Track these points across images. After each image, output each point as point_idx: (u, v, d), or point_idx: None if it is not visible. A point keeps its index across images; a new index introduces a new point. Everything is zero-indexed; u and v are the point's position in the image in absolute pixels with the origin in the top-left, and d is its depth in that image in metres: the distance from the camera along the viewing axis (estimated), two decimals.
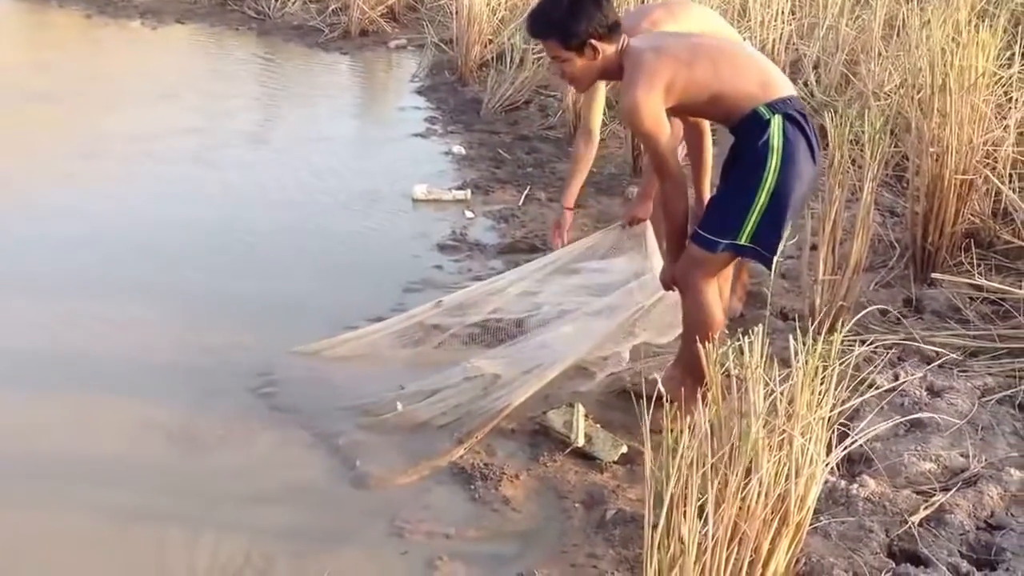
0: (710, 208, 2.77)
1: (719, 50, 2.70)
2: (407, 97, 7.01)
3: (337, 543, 2.42)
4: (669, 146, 2.62)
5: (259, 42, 8.66)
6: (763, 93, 2.61)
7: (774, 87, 2.63)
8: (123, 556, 2.36)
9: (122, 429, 2.87)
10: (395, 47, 8.52)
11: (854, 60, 5.32)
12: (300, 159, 5.44)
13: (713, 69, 2.61)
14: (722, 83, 2.61)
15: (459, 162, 5.51)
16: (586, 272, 3.41)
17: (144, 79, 7.19)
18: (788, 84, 2.70)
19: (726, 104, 2.64)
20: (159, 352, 3.29)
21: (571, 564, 2.33)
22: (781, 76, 2.71)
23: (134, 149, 5.43)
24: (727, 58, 2.67)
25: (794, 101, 2.65)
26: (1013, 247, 3.70)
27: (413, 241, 4.33)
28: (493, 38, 7.16)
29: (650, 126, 2.57)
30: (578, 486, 2.63)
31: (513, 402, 2.85)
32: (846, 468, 2.64)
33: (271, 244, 4.25)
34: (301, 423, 2.91)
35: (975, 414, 2.84)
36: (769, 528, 1.91)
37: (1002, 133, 3.80)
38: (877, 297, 3.58)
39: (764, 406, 1.89)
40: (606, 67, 2.65)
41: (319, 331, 3.35)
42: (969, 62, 3.57)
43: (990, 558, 2.32)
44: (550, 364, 2.95)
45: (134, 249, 4.13)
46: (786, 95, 2.63)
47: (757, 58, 2.76)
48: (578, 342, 3.06)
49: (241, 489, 2.62)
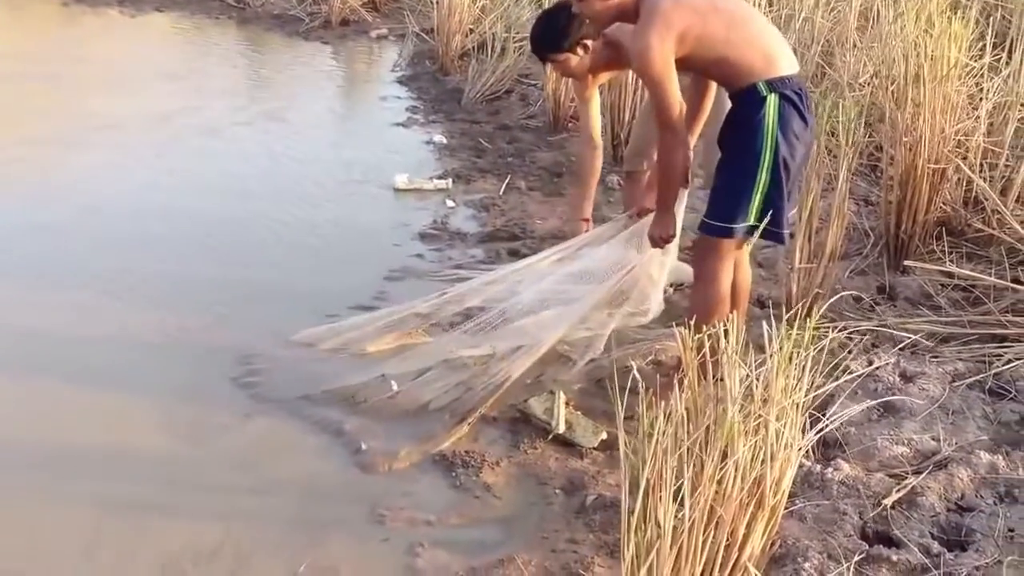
0: (715, 195, 2.81)
1: (736, 13, 2.72)
2: (388, 87, 7.00)
3: (317, 531, 2.42)
4: (675, 95, 2.65)
5: (239, 31, 8.60)
6: (766, 68, 2.66)
7: (777, 64, 2.67)
8: (98, 544, 2.36)
9: (99, 418, 2.86)
10: (376, 37, 8.49)
11: (829, 51, 5.37)
12: (280, 148, 5.43)
13: (726, 30, 2.66)
14: (730, 47, 2.66)
15: (440, 151, 5.52)
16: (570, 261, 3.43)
17: (121, 68, 7.13)
18: (792, 62, 2.74)
19: (730, 69, 2.69)
20: (139, 342, 3.28)
21: (551, 549, 2.36)
22: (786, 52, 2.74)
23: (110, 137, 5.40)
24: (741, 23, 2.70)
25: (793, 81, 2.69)
26: (983, 235, 3.77)
27: (394, 230, 4.35)
28: (474, 27, 7.16)
29: (659, 71, 2.61)
30: (558, 472, 2.67)
31: (513, 374, 2.89)
32: (821, 452, 2.69)
33: (251, 233, 4.24)
34: (284, 411, 2.92)
35: (946, 399, 2.89)
36: (745, 511, 1.93)
37: (973, 123, 3.85)
38: (852, 284, 3.63)
39: (740, 391, 1.92)
40: (622, 10, 2.70)
41: (300, 320, 3.36)
42: (942, 53, 3.62)
43: (960, 539, 2.37)
44: (535, 345, 2.98)
45: (110, 237, 4.12)
46: (787, 74, 2.68)
47: (769, 30, 2.77)
48: (563, 321, 3.08)
49: (221, 478, 2.63)
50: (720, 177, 2.82)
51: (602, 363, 3.08)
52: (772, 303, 3.42)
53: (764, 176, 2.67)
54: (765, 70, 2.66)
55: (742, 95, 2.71)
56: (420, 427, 2.83)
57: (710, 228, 2.78)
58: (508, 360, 2.96)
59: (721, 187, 2.80)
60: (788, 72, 2.69)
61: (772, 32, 2.78)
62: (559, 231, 4.33)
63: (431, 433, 2.79)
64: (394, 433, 2.80)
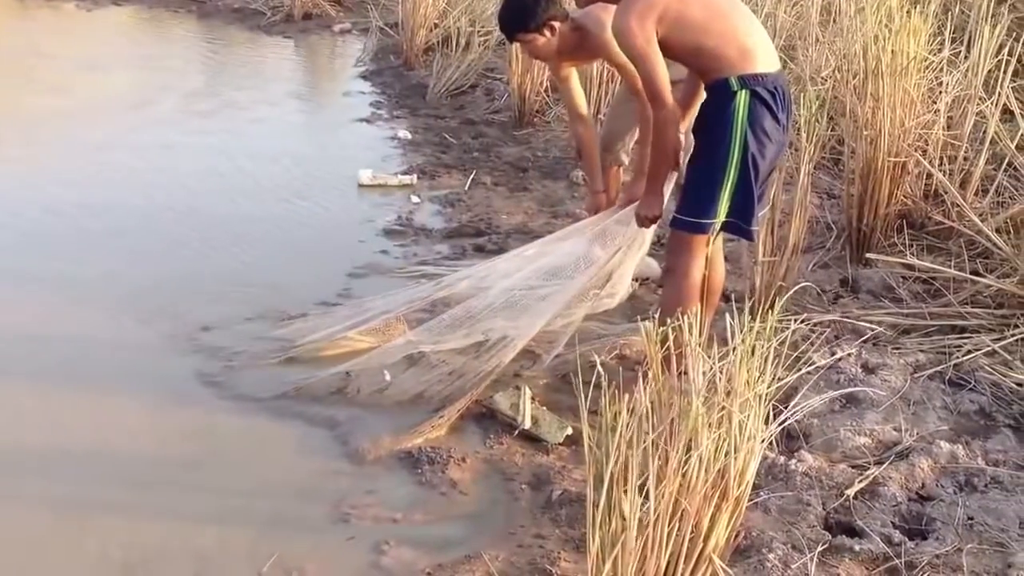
0: (685, 191, 2.81)
1: (718, 5, 2.71)
2: (352, 82, 6.96)
3: (281, 530, 2.40)
4: (662, 68, 2.66)
5: (199, 25, 8.51)
6: (740, 63, 2.65)
7: (753, 60, 2.67)
8: (59, 545, 2.32)
9: (58, 420, 2.82)
10: (339, 31, 8.43)
11: (792, 46, 5.41)
12: (243, 144, 5.38)
13: (704, 19, 2.66)
14: (707, 37, 2.66)
15: (405, 147, 5.50)
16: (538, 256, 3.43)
17: (74, 62, 7.02)
18: (771, 60, 2.73)
19: (704, 60, 2.70)
20: (96, 342, 3.23)
21: (518, 545, 2.36)
22: (766, 50, 2.73)
23: (66, 133, 5.32)
24: (721, 16, 2.70)
25: (769, 79, 2.67)
26: (943, 228, 3.81)
27: (359, 226, 4.32)
28: (439, 22, 7.13)
29: (642, 46, 2.62)
30: (524, 468, 2.66)
31: (503, 360, 2.91)
32: (785, 444, 2.70)
33: (213, 230, 4.19)
34: (250, 410, 2.89)
35: (907, 390, 2.93)
36: (709, 503, 1.93)
37: (932, 116, 3.89)
38: (815, 277, 3.66)
39: (703, 383, 1.93)
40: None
41: (264, 317, 3.34)
42: (901, 47, 3.65)
43: (921, 528, 2.40)
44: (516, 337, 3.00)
45: (64, 236, 4.06)
46: (761, 71, 2.66)
47: (751, 26, 2.75)
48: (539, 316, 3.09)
49: (183, 478, 2.59)
50: (690, 172, 2.83)
51: (567, 358, 3.07)
52: (736, 296, 3.44)
53: (733, 172, 2.67)
54: (739, 65, 2.65)
55: (714, 88, 2.71)
56: (396, 422, 2.81)
57: (680, 223, 2.78)
58: (499, 347, 2.97)
59: (691, 182, 2.80)
60: (765, 70, 2.67)
61: (754, 28, 2.75)
62: (525, 226, 4.33)
63: (409, 427, 2.77)
64: (367, 429, 2.78)
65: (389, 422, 2.81)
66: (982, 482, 2.55)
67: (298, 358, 3.12)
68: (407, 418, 2.83)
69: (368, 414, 2.87)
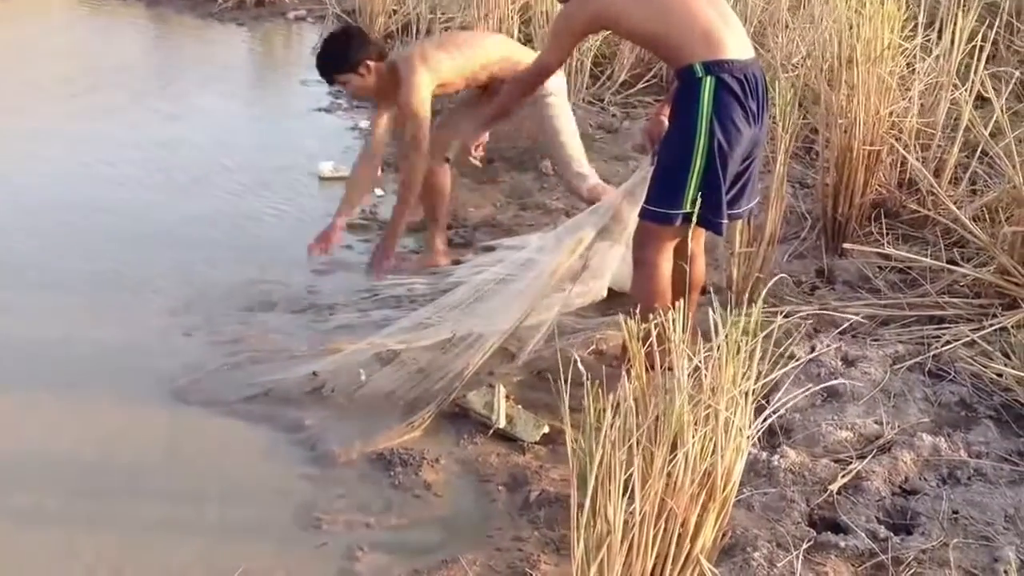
0: (653, 181, 2.75)
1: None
2: (309, 70, 6.72)
3: (252, 537, 2.32)
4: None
5: (148, 13, 8.30)
6: (704, 49, 2.58)
7: (720, 46, 2.59)
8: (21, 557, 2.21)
9: (17, 428, 2.70)
10: (295, 18, 8.27)
11: (762, 32, 5.37)
12: (198, 137, 5.22)
13: (660, 7, 2.62)
14: (668, 25, 2.61)
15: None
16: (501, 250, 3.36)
17: (16, 48, 6.77)
18: (742, 47, 2.64)
19: (667, 49, 2.66)
20: (63, 342, 3.10)
21: (496, 548, 2.28)
22: (735, 36, 2.64)
23: (12, 130, 5.10)
24: (680, 1, 2.63)
25: (737, 65, 2.59)
26: (918, 216, 3.78)
27: (321, 220, 4.18)
28: (397, 8, 7.00)
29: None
30: (500, 468, 2.58)
31: (475, 359, 2.85)
32: (767, 440, 2.65)
33: (170, 226, 4.05)
34: (216, 413, 2.78)
35: (887, 382, 2.89)
36: (696, 503, 1.88)
37: (906, 104, 3.86)
38: (791, 268, 3.62)
39: (688, 380, 1.86)
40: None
41: (228, 316, 3.25)
42: (874, 34, 3.61)
43: (906, 522, 2.37)
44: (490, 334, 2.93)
45: (22, 235, 3.89)
46: (728, 57, 2.58)
47: (714, 11, 2.66)
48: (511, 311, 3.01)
49: (151, 485, 2.49)
50: (658, 161, 2.76)
51: (543, 354, 3.00)
52: (713, 288, 3.38)
53: (699, 161, 2.59)
54: (704, 51, 2.58)
55: (681, 75, 2.65)
56: (368, 424, 2.71)
57: (647, 214, 2.72)
58: (468, 343, 2.90)
59: (658, 172, 2.74)
60: (733, 56, 2.60)
61: (722, 14, 2.67)
62: (493, 219, 4.25)
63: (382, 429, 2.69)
64: (338, 432, 2.69)
65: (361, 424, 2.72)
66: (965, 474, 2.52)
67: (265, 359, 3.01)
68: (380, 420, 2.73)
69: (339, 416, 2.77)
